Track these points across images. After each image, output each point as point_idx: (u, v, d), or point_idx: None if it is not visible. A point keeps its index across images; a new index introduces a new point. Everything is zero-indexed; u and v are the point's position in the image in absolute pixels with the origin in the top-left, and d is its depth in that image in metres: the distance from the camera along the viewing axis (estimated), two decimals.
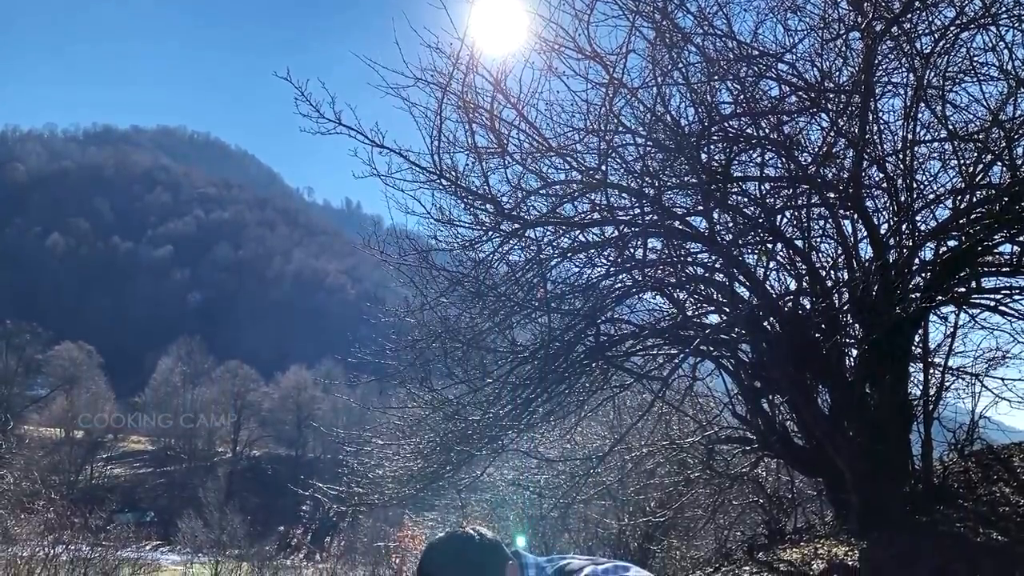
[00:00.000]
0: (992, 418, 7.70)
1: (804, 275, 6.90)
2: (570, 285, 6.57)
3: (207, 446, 76.60)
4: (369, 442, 7.52)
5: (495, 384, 6.67)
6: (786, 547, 7.01)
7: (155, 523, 47.37)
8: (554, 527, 11.68)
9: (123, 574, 14.29)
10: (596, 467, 7.73)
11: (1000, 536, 5.75)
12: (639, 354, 7.36)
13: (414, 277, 6.54)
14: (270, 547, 33.77)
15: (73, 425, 66.83)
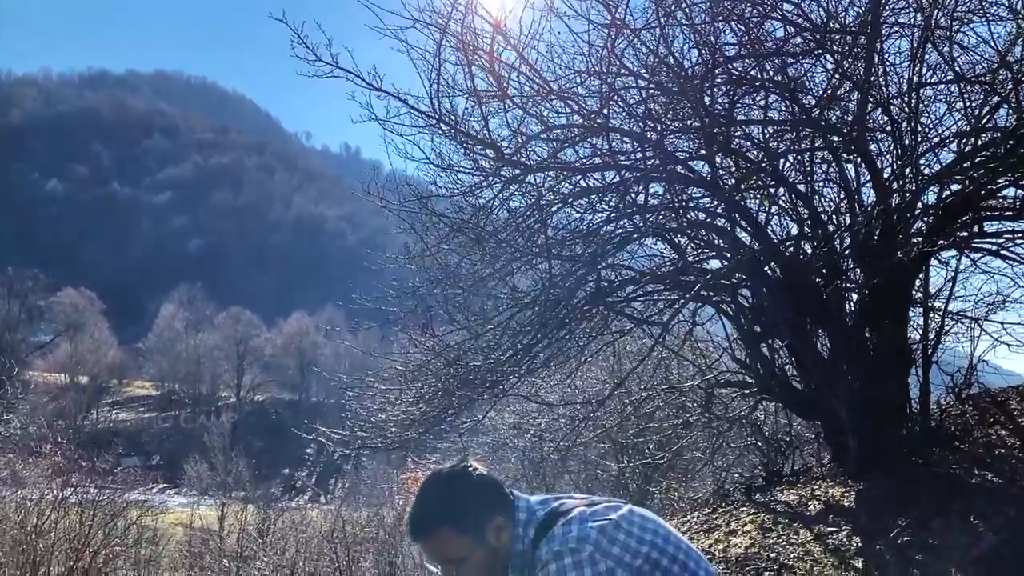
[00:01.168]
0: (990, 362, 7.76)
1: (806, 220, 6.87)
2: (571, 231, 6.55)
3: (211, 391, 77.43)
4: (371, 387, 7.57)
5: (496, 330, 6.70)
6: (783, 488, 7.11)
7: (161, 467, 48.18)
8: (554, 469, 11.87)
9: (131, 516, 14.54)
10: (596, 411, 7.81)
11: (995, 477, 5.83)
12: (639, 300, 7.37)
13: (414, 223, 6.51)
14: (275, 489, 34.42)
15: (77, 371, 67.41)
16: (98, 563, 12.10)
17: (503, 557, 2.19)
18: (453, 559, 2.17)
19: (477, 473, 2.23)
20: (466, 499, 2.18)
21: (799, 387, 6.97)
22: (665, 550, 2.13)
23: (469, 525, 2.16)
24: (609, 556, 2.04)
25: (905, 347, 6.60)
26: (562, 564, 2.01)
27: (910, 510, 5.49)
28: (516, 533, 2.19)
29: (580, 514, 2.14)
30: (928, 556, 4.77)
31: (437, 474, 2.28)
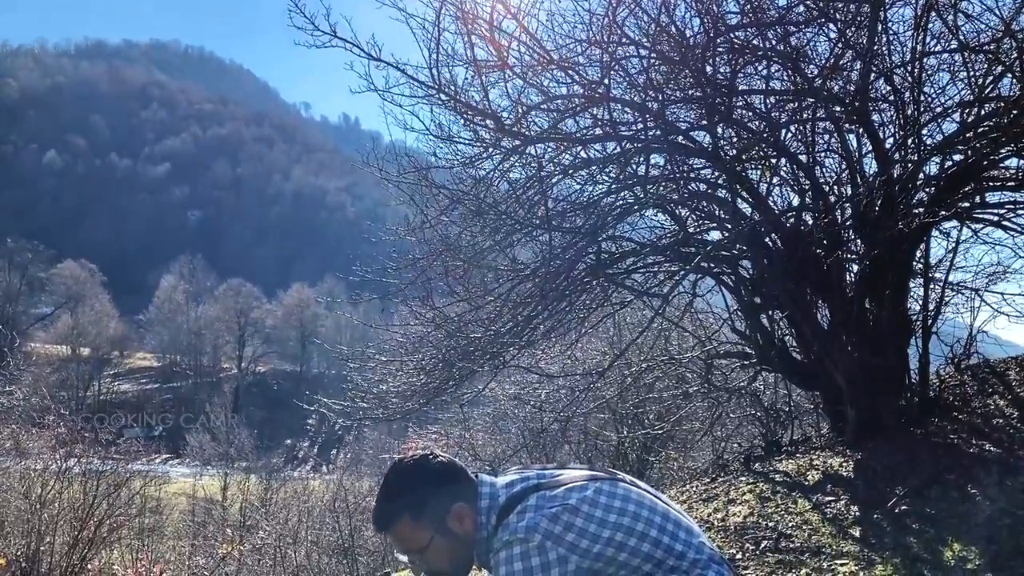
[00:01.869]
0: (990, 333, 7.77)
1: (807, 190, 6.85)
2: (571, 203, 6.53)
3: (212, 363, 77.71)
4: (372, 358, 7.60)
5: (496, 302, 6.70)
6: (782, 458, 7.16)
7: (163, 437, 48.48)
8: (554, 439, 11.93)
9: (134, 486, 14.64)
10: (596, 382, 7.84)
11: (993, 447, 5.87)
12: (640, 271, 7.36)
13: (414, 195, 6.49)
14: (277, 460, 34.64)
15: (79, 343, 67.61)
16: (102, 532, 12.20)
17: (468, 543, 2.18)
18: (415, 548, 2.17)
19: (437, 461, 2.21)
20: (424, 489, 2.16)
21: (799, 358, 6.99)
22: (634, 530, 2.06)
23: (427, 515, 2.14)
24: (561, 543, 2.00)
25: (905, 318, 6.62)
26: (509, 553, 1.99)
27: (908, 479, 5.53)
28: (480, 520, 2.16)
29: (537, 500, 2.08)
30: (925, 525, 4.81)
31: (396, 465, 2.27)
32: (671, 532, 2.10)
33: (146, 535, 17.41)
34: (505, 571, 1.98)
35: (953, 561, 4.23)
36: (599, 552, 2.02)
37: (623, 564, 2.04)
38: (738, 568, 4.82)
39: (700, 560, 2.09)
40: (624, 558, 2.04)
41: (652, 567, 2.05)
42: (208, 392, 64.69)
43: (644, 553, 2.05)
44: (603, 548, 2.03)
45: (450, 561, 2.19)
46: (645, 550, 2.05)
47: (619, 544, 2.04)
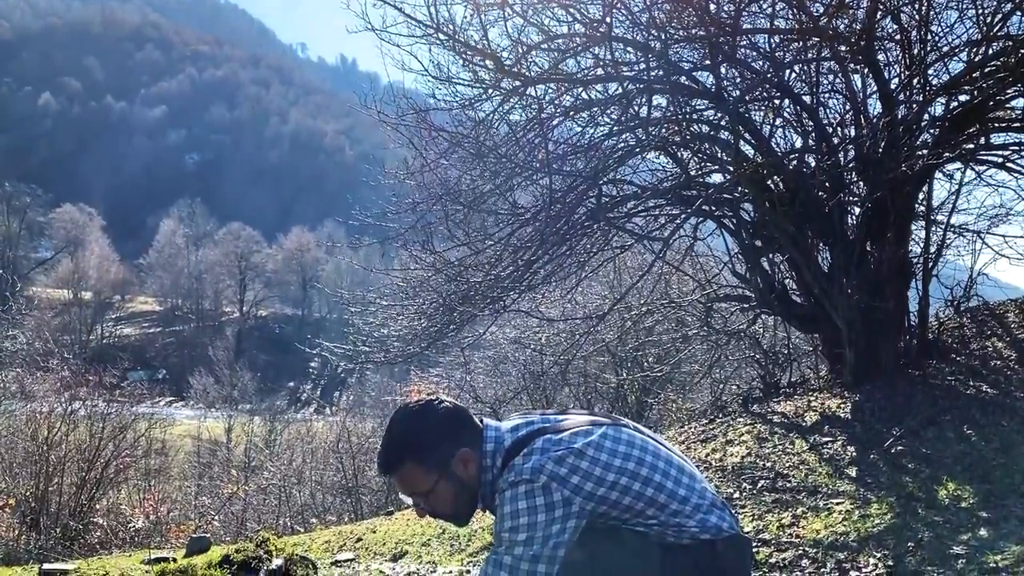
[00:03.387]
0: (990, 275, 7.78)
1: (811, 132, 6.79)
2: (572, 145, 6.46)
3: (214, 306, 77.98)
4: (373, 303, 7.62)
5: (496, 246, 6.68)
6: (780, 400, 7.23)
7: (167, 380, 48.92)
8: (554, 382, 12.05)
9: (139, 428, 14.84)
10: (596, 325, 7.87)
11: (990, 388, 5.92)
12: (640, 215, 7.33)
13: (413, 138, 6.41)
14: (281, 402, 34.98)
15: (80, 287, 67.72)
16: (109, 473, 12.41)
17: (472, 487, 2.20)
18: (420, 492, 2.20)
19: (442, 406, 2.23)
20: (429, 433, 2.18)
21: (798, 300, 7.01)
22: (638, 474, 2.08)
23: (432, 458, 2.16)
24: (566, 485, 2.02)
25: (905, 260, 6.61)
26: (515, 492, 2.01)
27: (904, 420, 5.59)
28: (484, 464, 2.18)
29: (544, 443, 2.10)
30: (921, 465, 4.88)
31: (402, 410, 2.29)
32: (674, 478, 2.13)
33: (152, 476, 17.70)
34: (510, 510, 2.01)
35: (947, 500, 4.30)
36: (603, 495, 2.05)
37: (626, 508, 2.07)
38: (735, 507, 4.90)
39: (702, 505, 2.13)
40: (628, 502, 2.07)
41: (655, 511, 2.08)
42: (210, 336, 65.08)
43: (647, 498, 2.08)
44: (607, 491, 2.05)
45: (454, 505, 2.22)
46: (648, 494, 2.08)
47: (623, 488, 2.06)
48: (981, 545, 3.67)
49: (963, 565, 3.49)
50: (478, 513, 2.34)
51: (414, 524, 6.82)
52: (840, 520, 4.35)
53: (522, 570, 1.97)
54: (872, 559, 3.77)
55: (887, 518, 4.23)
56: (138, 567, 5.84)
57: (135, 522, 12.32)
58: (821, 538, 4.20)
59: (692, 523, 2.10)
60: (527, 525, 1.99)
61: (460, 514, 2.27)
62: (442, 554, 5.55)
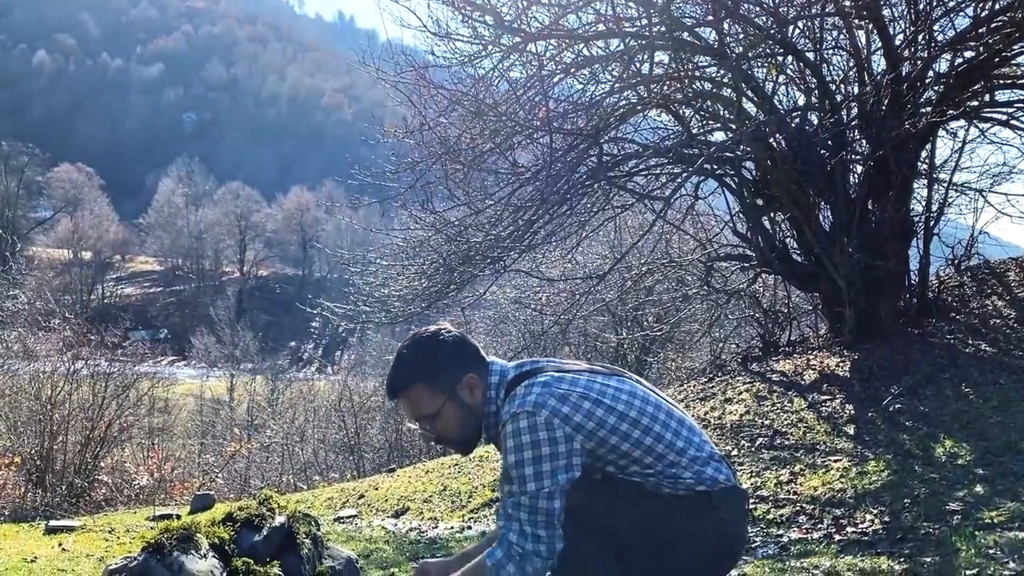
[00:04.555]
0: (991, 234, 7.77)
1: (813, 89, 6.72)
2: (573, 103, 6.39)
3: (214, 266, 77.87)
4: (373, 263, 7.62)
5: (496, 206, 6.66)
6: (779, 358, 7.26)
7: (169, 340, 49.10)
8: (555, 342, 12.08)
9: (142, 387, 14.90)
10: (596, 285, 7.87)
11: (989, 347, 5.94)
12: (642, 174, 7.29)
13: (412, 96, 6.34)
14: (282, 361, 35.15)
15: (80, 247, 67.60)
16: (113, 432, 12.48)
17: (478, 414, 2.23)
18: (426, 415, 2.23)
19: (450, 334, 2.27)
20: (437, 356, 2.22)
21: (799, 259, 7.00)
22: (639, 422, 2.10)
23: (440, 381, 2.20)
24: (568, 423, 2.04)
25: (907, 219, 6.60)
26: (517, 426, 2.03)
27: (903, 379, 5.62)
28: (489, 395, 2.22)
29: (547, 378, 2.13)
30: (918, 423, 4.92)
31: (411, 336, 2.33)
32: (673, 429, 2.14)
33: (156, 434, 17.83)
34: (513, 443, 2.03)
35: (944, 457, 4.33)
36: (603, 438, 2.07)
37: (624, 454, 2.09)
38: (733, 464, 4.95)
39: (700, 457, 2.14)
40: (626, 448, 2.08)
41: (652, 460, 2.10)
42: (211, 295, 65.12)
43: (646, 446, 2.09)
44: (607, 435, 2.07)
45: (459, 430, 2.25)
46: (647, 443, 2.10)
47: (623, 434, 2.08)
48: (977, 501, 3.71)
49: (958, 521, 3.53)
50: (478, 470, 2.36)
51: (415, 481, 6.90)
52: (837, 477, 4.40)
53: (541, 507, 2.01)
54: (868, 515, 3.82)
55: (884, 475, 4.27)
56: (143, 524, 5.92)
57: (139, 480, 12.44)
58: (818, 495, 4.25)
59: (688, 474, 2.11)
60: (533, 459, 2.01)
61: (465, 440, 2.29)
62: (443, 510, 5.63)
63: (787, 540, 3.73)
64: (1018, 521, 3.42)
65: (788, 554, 3.53)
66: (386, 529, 5.24)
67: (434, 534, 4.88)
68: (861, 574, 3.10)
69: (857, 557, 3.33)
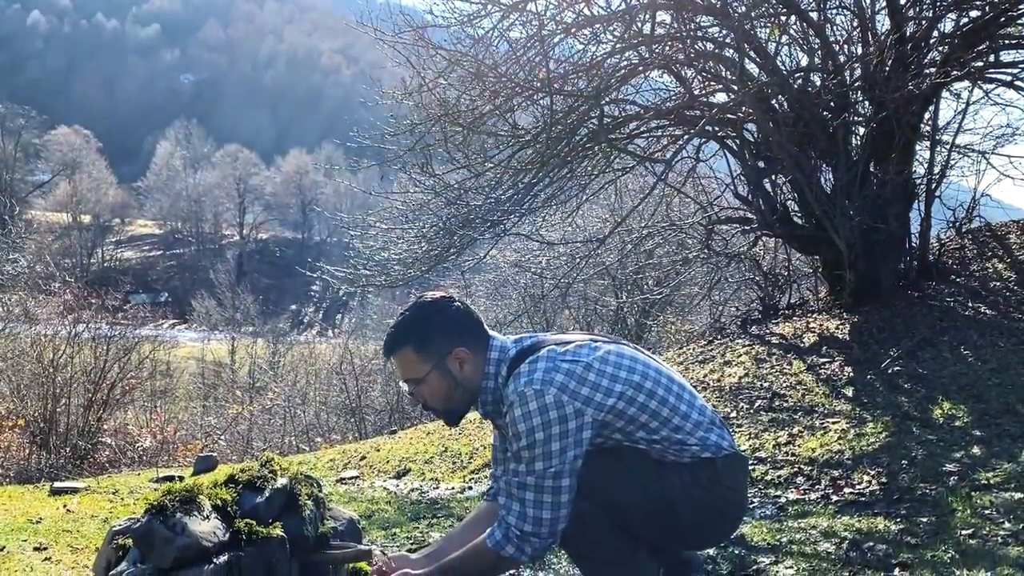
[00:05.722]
0: (993, 196, 7.74)
1: (816, 50, 6.65)
2: (573, 64, 6.32)
3: (214, 229, 77.71)
4: (373, 226, 7.59)
5: (496, 169, 6.62)
6: (779, 321, 7.28)
7: (169, 303, 49.16)
8: (555, 305, 12.11)
9: (144, 351, 14.97)
10: (596, 249, 7.85)
11: (989, 310, 5.95)
12: (643, 136, 7.24)
13: (410, 56, 6.26)
14: (283, 324, 35.19)
15: (79, 210, 67.39)
16: (116, 395, 12.57)
17: (467, 389, 2.25)
18: (412, 378, 2.26)
19: (453, 305, 2.28)
20: (432, 325, 2.24)
21: (800, 222, 6.98)
22: (643, 387, 2.11)
23: (428, 349, 2.22)
24: (577, 397, 2.04)
25: (909, 181, 6.57)
26: (526, 409, 2.03)
27: (902, 341, 5.64)
28: (488, 371, 2.22)
29: (549, 353, 2.13)
30: (917, 385, 4.94)
31: (417, 300, 2.35)
32: (676, 394, 2.16)
33: (158, 397, 17.96)
34: (523, 426, 2.03)
35: (942, 419, 4.36)
36: (612, 406, 2.08)
37: (631, 420, 2.10)
38: (732, 427, 4.98)
39: (703, 423, 2.16)
40: (633, 413, 2.09)
41: (659, 424, 2.11)
42: (211, 259, 65.05)
43: (651, 410, 2.11)
44: (615, 402, 2.08)
45: (444, 400, 2.27)
46: (653, 407, 2.11)
47: (629, 399, 2.09)
48: (973, 463, 3.74)
49: (955, 482, 3.56)
50: (478, 432, 2.37)
51: (417, 443, 6.95)
52: (835, 439, 4.43)
53: (547, 487, 2.03)
54: (866, 476, 3.85)
55: (882, 437, 4.30)
56: (147, 485, 5.98)
57: (143, 442, 12.55)
58: (816, 456, 4.28)
59: (693, 440, 2.12)
60: (544, 440, 2.02)
61: (450, 411, 2.31)
62: (444, 471, 5.68)
63: (785, 501, 3.77)
64: (1014, 482, 3.45)
65: (786, 515, 3.56)
66: (388, 490, 5.29)
67: (435, 495, 4.93)
68: (858, 534, 3.13)
69: (854, 517, 3.36)
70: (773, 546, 3.11)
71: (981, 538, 2.95)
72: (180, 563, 1.91)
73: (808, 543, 3.11)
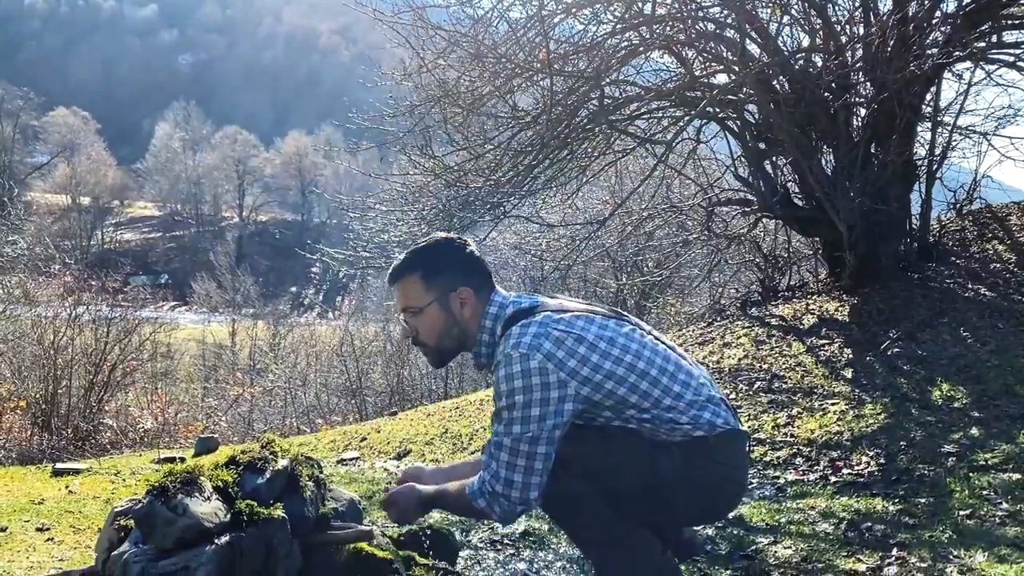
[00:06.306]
0: (994, 178, 7.73)
1: (818, 30, 6.60)
2: (574, 44, 6.28)
3: (213, 211, 77.61)
4: (373, 208, 7.58)
5: (496, 150, 6.60)
6: (778, 303, 7.28)
7: (169, 285, 49.13)
8: (554, 287, 12.09)
9: (145, 332, 14.97)
10: (597, 231, 7.84)
11: (988, 291, 5.95)
12: (643, 117, 7.21)
13: (410, 37, 6.22)
14: (284, 306, 35.21)
15: (78, 192, 67.23)
16: (116, 376, 12.58)
17: (462, 331, 2.25)
18: (412, 307, 2.25)
19: (468, 249, 2.28)
20: (442, 258, 2.25)
21: (800, 204, 6.96)
22: (635, 367, 2.08)
23: (434, 280, 2.22)
24: (563, 368, 2.02)
25: (910, 163, 6.55)
26: (510, 370, 2.02)
27: (902, 323, 5.64)
28: (484, 324, 2.23)
29: (544, 319, 2.10)
30: (916, 367, 4.95)
31: (434, 235, 2.36)
32: (670, 373, 2.13)
33: (159, 379, 17.97)
34: (504, 386, 2.03)
35: (940, 401, 4.37)
36: (599, 383, 2.06)
37: (621, 399, 2.08)
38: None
39: (696, 401, 2.13)
40: (623, 393, 2.07)
41: (649, 404, 2.09)
42: (211, 241, 64.95)
43: (642, 390, 2.08)
44: (603, 379, 2.06)
45: (438, 336, 2.27)
46: (643, 387, 2.08)
47: (619, 379, 2.07)
48: (972, 444, 3.76)
49: (953, 463, 3.58)
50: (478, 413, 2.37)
51: (417, 424, 6.97)
52: (834, 420, 4.44)
53: (522, 451, 2.01)
54: (865, 457, 3.87)
55: (880, 418, 4.32)
56: (148, 466, 6.00)
57: (144, 423, 12.57)
58: (815, 437, 4.29)
59: (685, 419, 2.10)
60: (524, 404, 2.01)
61: (440, 350, 2.31)
62: (445, 452, 5.70)
63: (784, 481, 3.79)
64: (1012, 463, 3.47)
65: (785, 495, 3.58)
66: (388, 471, 5.31)
67: None
68: (856, 515, 3.15)
69: (852, 498, 3.38)
70: (772, 526, 3.13)
71: (979, 518, 2.97)
72: (182, 544, 1.92)
73: (807, 523, 3.13)
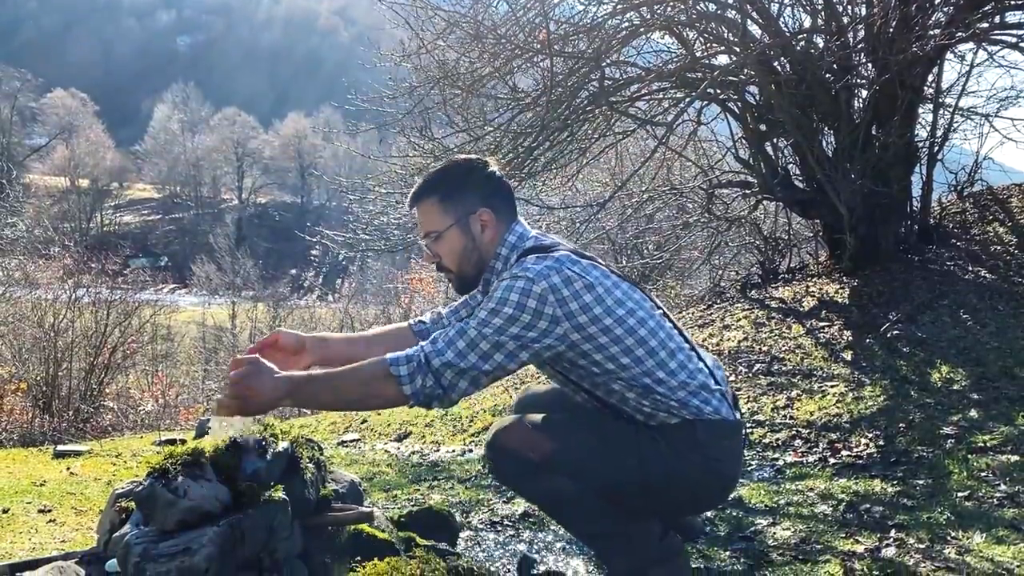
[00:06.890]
0: (996, 159, 7.70)
1: (819, 11, 6.56)
2: (574, 25, 6.24)
3: (212, 193, 77.43)
4: (372, 190, 7.56)
5: (496, 132, 6.57)
6: (778, 285, 7.28)
7: (169, 268, 49.09)
8: None
9: (145, 315, 14.98)
10: (596, 213, 7.82)
11: (989, 274, 5.95)
12: (644, 99, 7.17)
13: (409, 18, 6.19)
14: (283, 289, 35.19)
15: (77, 174, 67.06)
16: (117, 359, 12.61)
17: (482, 254, 2.23)
18: (432, 231, 2.23)
19: (492, 170, 2.24)
20: (465, 180, 2.22)
21: (801, 186, 6.95)
22: (634, 331, 2.04)
23: (455, 203, 2.19)
24: (562, 306, 1.98)
25: (911, 144, 6.53)
26: (512, 284, 1.99)
27: (901, 305, 5.65)
28: (499, 252, 2.21)
29: (562, 256, 2.07)
30: (916, 349, 4.95)
31: (459, 157, 2.33)
32: (670, 350, 2.10)
33: (160, 361, 18.00)
34: (500, 296, 1.99)
35: (940, 383, 4.38)
36: (592, 334, 2.02)
37: (611, 357, 2.05)
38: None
39: (689, 384, 2.09)
40: (615, 351, 2.04)
41: (640, 372, 2.05)
42: (210, 223, 64.84)
43: (636, 356, 2.05)
44: (597, 332, 2.02)
45: (459, 259, 2.24)
46: (638, 354, 2.05)
47: (615, 337, 2.03)
48: (971, 426, 3.77)
49: (952, 445, 3.58)
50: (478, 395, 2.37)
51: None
52: (834, 402, 4.45)
53: (480, 348, 1.97)
54: (864, 439, 3.88)
55: (880, 400, 4.33)
56: (149, 448, 6.02)
57: (145, 405, 12.63)
58: (814, 419, 4.30)
59: (673, 399, 2.06)
60: (508, 316, 1.97)
61: (463, 275, 2.28)
62: (445, 434, 5.71)
63: (782, 463, 3.80)
64: (1010, 445, 3.48)
65: (783, 477, 3.59)
66: (388, 453, 5.33)
67: (436, 457, 4.97)
68: (855, 496, 3.16)
69: (851, 480, 3.39)
70: (771, 508, 3.14)
71: (977, 500, 2.98)
72: (183, 526, 1.92)
73: (805, 505, 3.14)
